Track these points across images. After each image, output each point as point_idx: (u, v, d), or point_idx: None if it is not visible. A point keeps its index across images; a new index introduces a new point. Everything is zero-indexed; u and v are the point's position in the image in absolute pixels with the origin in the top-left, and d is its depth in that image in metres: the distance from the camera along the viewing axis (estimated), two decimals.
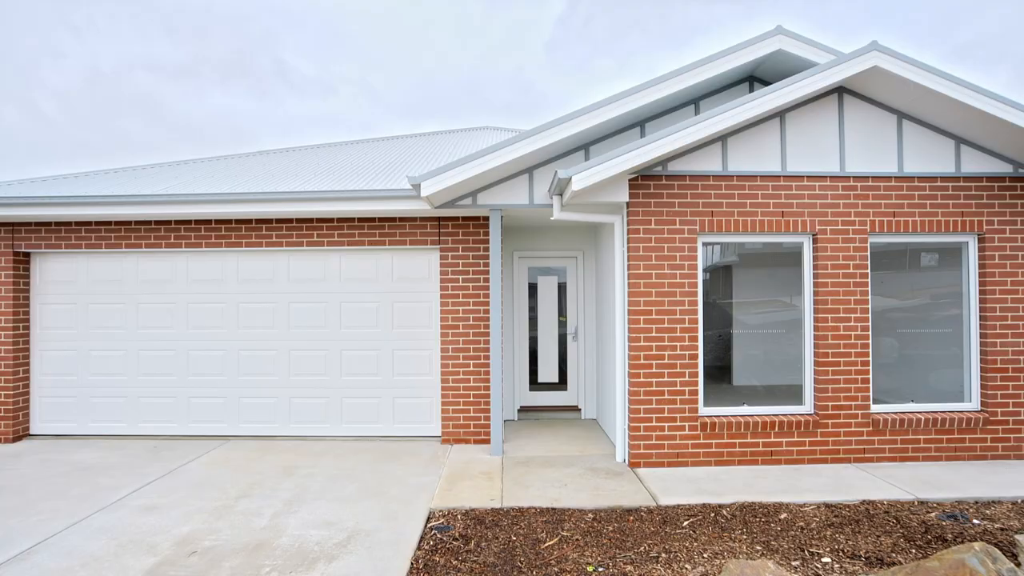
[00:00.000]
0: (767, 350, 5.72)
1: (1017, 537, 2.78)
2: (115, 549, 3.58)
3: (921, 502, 4.40)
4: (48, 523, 3.99)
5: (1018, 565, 2.43)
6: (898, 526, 3.91)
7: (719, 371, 5.65)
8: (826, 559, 3.42)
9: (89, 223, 6.23)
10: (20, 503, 4.39)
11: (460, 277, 6.14)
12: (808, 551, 3.53)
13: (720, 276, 5.73)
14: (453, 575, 3.29)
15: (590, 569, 3.32)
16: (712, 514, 4.16)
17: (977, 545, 2.38)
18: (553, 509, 4.26)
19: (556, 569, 3.34)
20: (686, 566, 3.33)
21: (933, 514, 4.16)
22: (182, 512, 4.20)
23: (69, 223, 6.23)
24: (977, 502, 4.41)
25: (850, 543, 3.63)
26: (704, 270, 5.65)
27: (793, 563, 3.38)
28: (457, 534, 3.84)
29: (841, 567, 3.30)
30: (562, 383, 7.53)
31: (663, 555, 3.48)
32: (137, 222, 6.23)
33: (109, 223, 6.24)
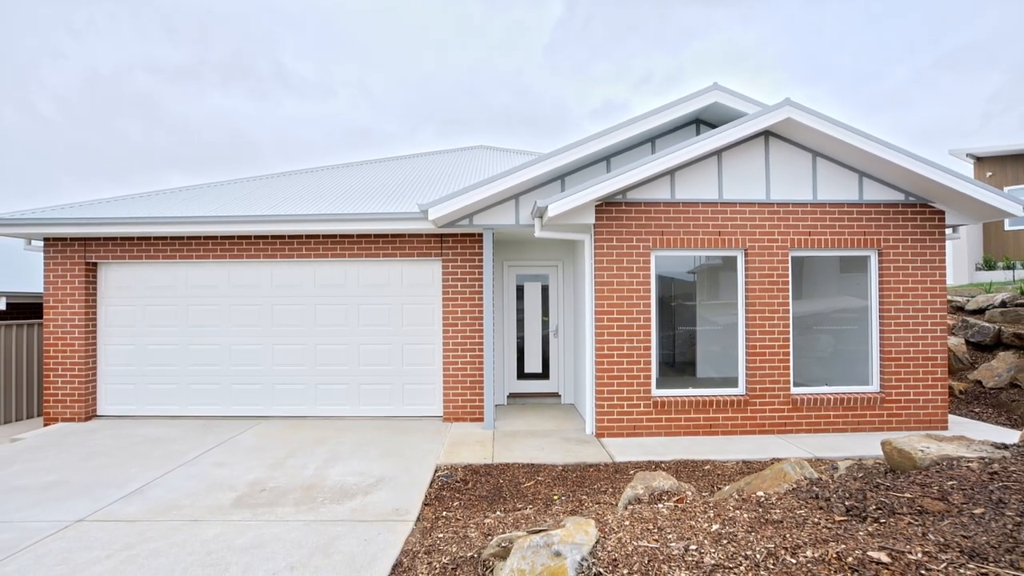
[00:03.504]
0: (718, 342, 7.00)
1: (839, 463, 4.06)
2: (204, 488, 4.81)
3: (818, 459, 5.69)
4: (144, 473, 5.20)
5: (830, 475, 3.69)
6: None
7: (677, 360, 6.93)
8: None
9: (148, 238, 7.44)
10: (114, 462, 5.60)
11: (459, 284, 7.38)
12: (717, 487, 4.80)
13: (687, 281, 7.01)
14: (457, 502, 4.55)
15: (555, 497, 4.58)
16: (654, 467, 5.43)
17: (793, 459, 3.65)
18: (532, 464, 5.52)
19: (531, 498, 4.61)
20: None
21: (823, 466, 5.43)
22: (245, 467, 5.42)
23: (131, 238, 7.43)
24: (860, 459, 5.69)
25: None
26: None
27: (704, 493, 4.64)
28: (458, 479, 5.10)
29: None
30: (545, 373, 8.80)
31: (610, 489, 4.75)
32: (188, 237, 7.44)
33: (164, 238, 7.45)
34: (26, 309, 9.50)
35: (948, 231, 7.05)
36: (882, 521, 2.60)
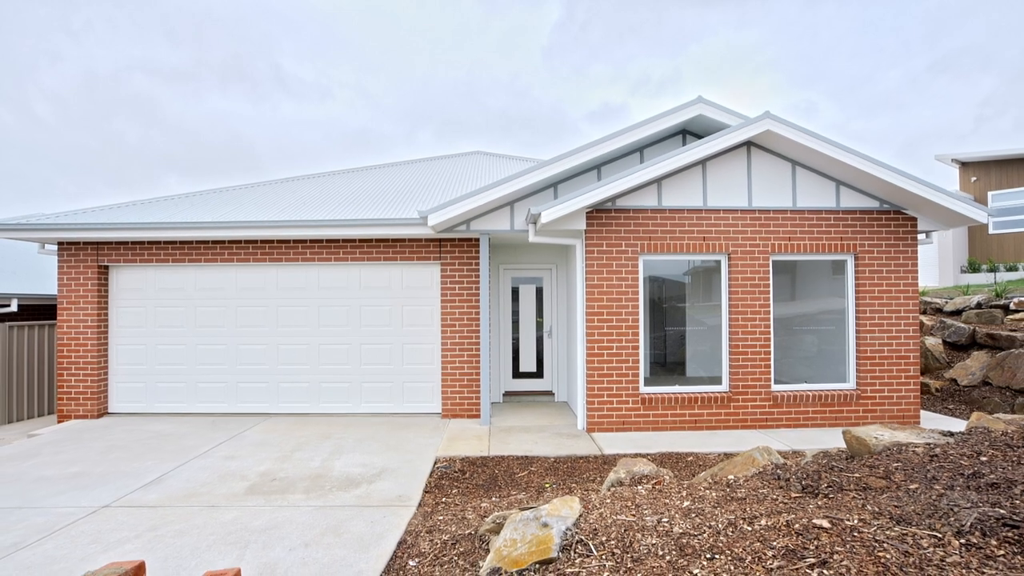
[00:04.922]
0: (705, 342, 7.36)
1: (806, 450, 4.42)
2: (218, 478, 5.13)
3: (794, 451, 6.04)
4: (160, 465, 5.52)
5: (795, 460, 4.05)
6: None
7: (667, 359, 7.28)
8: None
9: (158, 242, 7.75)
10: (131, 455, 5.91)
11: (456, 286, 7.72)
12: (697, 475, 5.15)
13: (679, 284, 7.36)
14: (455, 490, 4.88)
15: (547, 485, 4.93)
16: (640, 458, 5.77)
17: (760, 446, 4.01)
18: (526, 456, 5.86)
19: (524, 486, 4.95)
20: None
21: (799, 458, 5.79)
22: (255, 459, 5.74)
23: (142, 242, 7.74)
24: (831, 449, 6.05)
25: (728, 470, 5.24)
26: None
27: (684, 482, 4.99)
28: (456, 470, 5.43)
29: None
30: (539, 373, 9.14)
31: (598, 478, 5.09)
32: (197, 241, 7.75)
33: (174, 242, 7.76)
34: (38, 310, 9.80)
35: (921, 236, 7.45)
36: (831, 496, 2.95)
